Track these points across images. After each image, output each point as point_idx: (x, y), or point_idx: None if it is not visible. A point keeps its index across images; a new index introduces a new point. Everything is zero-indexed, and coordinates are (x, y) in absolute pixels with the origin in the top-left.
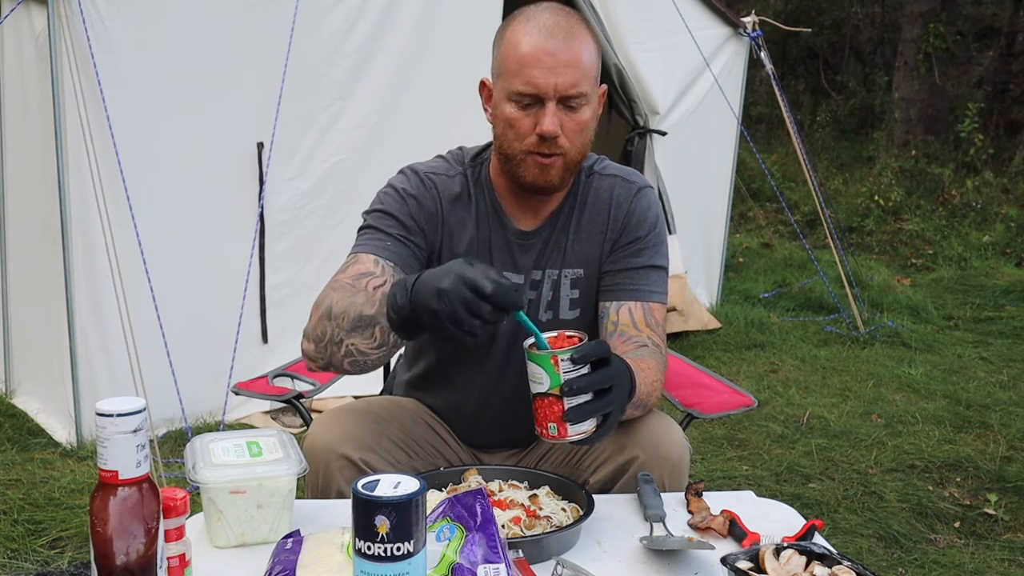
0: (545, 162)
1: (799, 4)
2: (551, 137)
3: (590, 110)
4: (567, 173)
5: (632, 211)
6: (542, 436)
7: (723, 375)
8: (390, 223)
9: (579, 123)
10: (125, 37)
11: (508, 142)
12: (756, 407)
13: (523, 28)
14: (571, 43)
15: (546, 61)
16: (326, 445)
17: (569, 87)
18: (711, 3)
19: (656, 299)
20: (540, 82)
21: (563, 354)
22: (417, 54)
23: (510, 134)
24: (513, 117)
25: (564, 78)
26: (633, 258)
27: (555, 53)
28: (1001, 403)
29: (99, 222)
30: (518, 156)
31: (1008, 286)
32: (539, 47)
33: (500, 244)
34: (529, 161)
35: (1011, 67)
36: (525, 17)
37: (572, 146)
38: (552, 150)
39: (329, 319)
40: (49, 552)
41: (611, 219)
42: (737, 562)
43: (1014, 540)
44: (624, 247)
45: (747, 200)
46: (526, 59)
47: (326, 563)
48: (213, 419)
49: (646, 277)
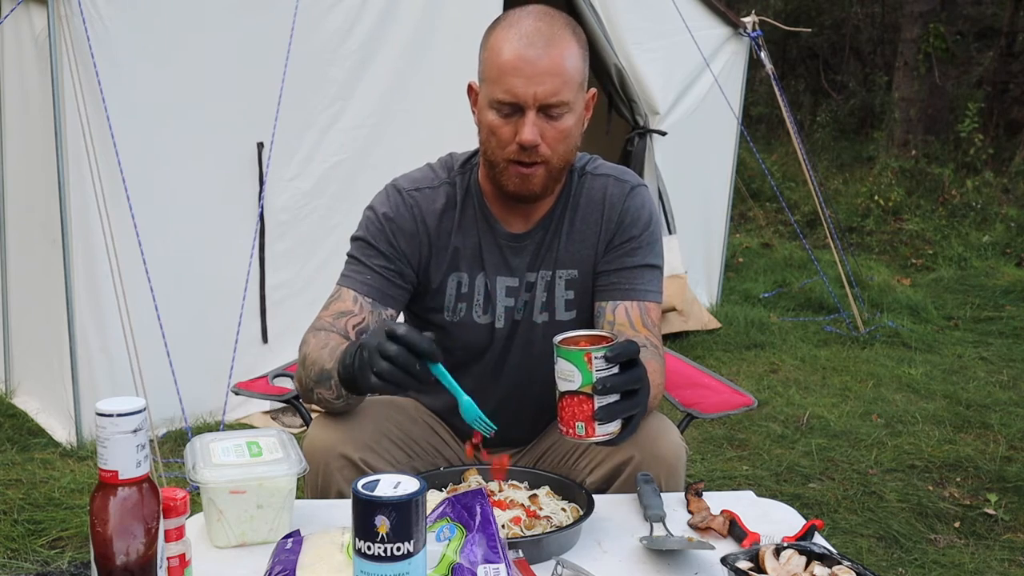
0: (526, 171)
1: (799, 4)
2: (531, 146)
3: (573, 117)
4: (550, 181)
5: (626, 210)
6: (567, 435)
7: (723, 375)
8: (371, 253)
9: (560, 131)
10: (125, 37)
11: (491, 149)
12: (756, 407)
13: (504, 35)
14: (551, 50)
15: (525, 70)
16: (326, 445)
17: (549, 96)
18: (711, 3)
19: (652, 299)
20: (519, 91)
21: (597, 351)
22: (417, 54)
23: (492, 141)
24: (494, 125)
25: (544, 87)
26: (628, 257)
27: (534, 61)
28: (1001, 403)
29: (99, 222)
30: (500, 164)
31: (1008, 286)
32: (518, 55)
33: (491, 248)
34: (511, 170)
35: (1011, 67)
36: (508, 23)
37: (554, 154)
38: (532, 159)
39: (304, 367)
40: (49, 552)
41: (604, 219)
42: (737, 562)
43: (1014, 540)
44: (619, 246)
45: (747, 200)
46: (505, 67)
47: (326, 563)
48: (213, 419)
49: (641, 276)
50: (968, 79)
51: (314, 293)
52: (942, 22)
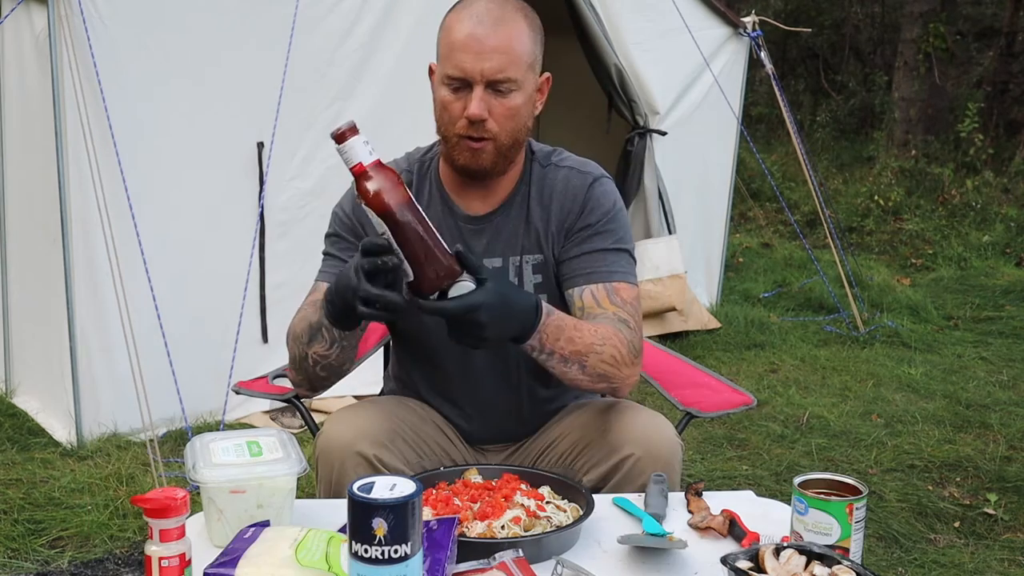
0: (475, 146)
1: (799, 4)
2: (477, 120)
3: (522, 96)
4: (499, 158)
5: (587, 199)
6: None
7: (723, 375)
8: (342, 246)
9: (508, 108)
10: (125, 37)
11: (443, 125)
12: (756, 406)
13: (458, 15)
14: (500, 29)
15: (473, 47)
16: (342, 443)
17: (495, 72)
18: (711, 3)
19: (619, 279)
20: (467, 67)
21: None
22: (417, 54)
23: (444, 117)
24: (446, 100)
25: (491, 63)
26: (586, 243)
27: (483, 39)
28: (1001, 403)
29: (99, 222)
30: (452, 139)
31: (1008, 286)
32: (468, 33)
33: (451, 229)
34: (462, 145)
35: (1011, 67)
36: (463, 4)
37: (502, 131)
38: (480, 134)
39: (294, 341)
40: (49, 552)
41: (565, 208)
42: (737, 562)
43: (1014, 540)
44: (579, 232)
45: (747, 200)
46: (456, 44)
47: (271, 556)
48: (213, 419)
49: (603, 259)
50: (968, 79)
51: None
52: (942, 22)
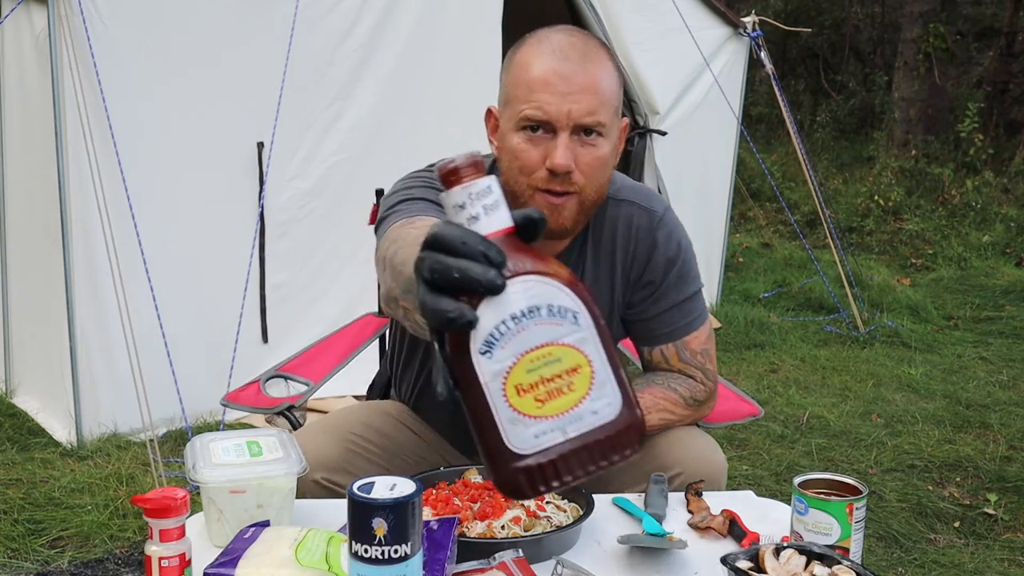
0: (556, 201)
1: (799, 4)
2: (563, 172)
3: (609, 144)
4: (581, 215)
5: (653, 245)
6: None
7: (723, 375)
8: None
9: (596, 158)
10: (125, 37)
11: (514, 177)
12: (762, 416)
13: (534, 50)
14: (588, 66)
15: (559, 85)
16: None
17: (584, 115)
18: (711, 3)
19: (691, 329)
20: (552, 108)
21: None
22: (417, 54)
23: (516, 167)
24: (520, 148)
25: (579, 105)
26: (661, 301)
27: (569, 77)
28: (1001, 403)
29: (99, 222)
30: (525, 193)
31: (1008, 286)
32: (551, 69)
33: None
34: (538, 199)
35: (1011, 67)
36: (536, 39)
37: (588, 184)
38: (564, 187)
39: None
40: (49, 552)
41: (628, 254)
42: (737, 562)
43: (1014, 540)
44: (646, 286)
45: (747, 200)
46: (536, 83)
47: (271, 556)
48: (213, 419)
49: (679, 313)
50: (968, 79)
51: (314, 293)
52: (942, 22)
